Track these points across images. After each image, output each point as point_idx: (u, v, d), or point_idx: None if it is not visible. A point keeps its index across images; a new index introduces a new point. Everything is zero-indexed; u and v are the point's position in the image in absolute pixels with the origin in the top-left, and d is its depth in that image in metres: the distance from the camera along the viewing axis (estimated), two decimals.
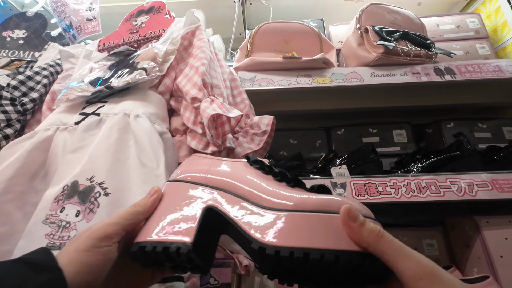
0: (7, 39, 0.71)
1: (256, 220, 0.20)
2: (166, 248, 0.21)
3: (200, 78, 0.42)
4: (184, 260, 0.22)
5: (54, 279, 0.18)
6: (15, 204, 0.40)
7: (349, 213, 0.19)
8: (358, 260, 0.18)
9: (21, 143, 0.45)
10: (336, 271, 0.19)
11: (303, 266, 0.19)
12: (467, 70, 0.67)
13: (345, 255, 0.18)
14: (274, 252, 0.18)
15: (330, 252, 0.18)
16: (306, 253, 0.18)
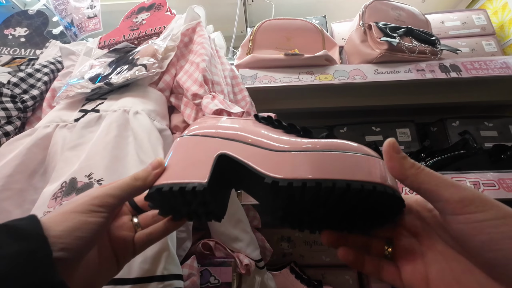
0: (8, 37, 0.71)
1: (268, 159, 0.21)
2: (183, 188, 0.21)
3: (201, 74, 0.42)
4: (200, 202, 0.22)
5: (33, 249, 0.16)
6: (14, 202, 0.39)
7: (394, 145, 0.19)
8: (369, 187, 0.18)
9: (21, 140, 0.44)
10: (347, 205, 0.20)
11: (315, 199, 0.19)
12: (474, 67, 0.65)
13: (356, 183, 0.18)
14: (287, 184, 0.19)
15: (342, 181, 0.18)
16: (318, 183, 0.18)
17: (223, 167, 0.23)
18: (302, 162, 0.20)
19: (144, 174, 0.22)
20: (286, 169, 0.20)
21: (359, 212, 0.21)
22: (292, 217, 0.23)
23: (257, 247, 0.53)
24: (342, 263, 0.85)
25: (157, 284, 0.29)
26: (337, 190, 0.18)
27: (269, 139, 0.23)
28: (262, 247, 0.57)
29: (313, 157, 0.20)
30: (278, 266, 0.72)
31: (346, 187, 0.18)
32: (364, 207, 0.20)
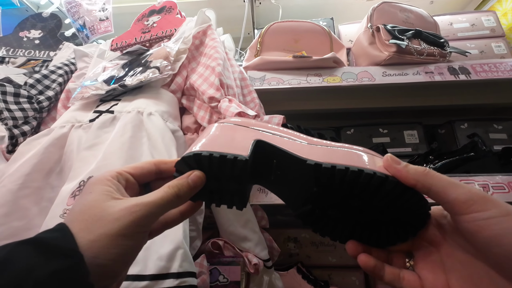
0: (23, 39, 0.73)
1: (304, 149, 0.23)
2: (223, 156, 0.21)
3: (217, 78, 0.43)
4: (235, 177, 0.22)
5: (69, 266, 0.14)
6: (32, 199, 0.41)
7: (392, 158, 0.21)
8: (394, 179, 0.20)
9: (38, 140, 0.46)
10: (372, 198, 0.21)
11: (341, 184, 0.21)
12: (483, 69, 0.65)
13: (381, 174, 0.20)
14: (331, 166, 0.20)
15: (369, 170, 0.20)
16: (347, 167, 0.20)
17: (257, 155, 0.23)
18: (331, 153, 0.22)
19: (185, 190, 0.21)
20: (323, 156, 0.22)
21: (384, 221, 0.22)
22: (319, 211, 0.24)
23: (265, 247, 0.54)
24: (348, 264, 0.84)
25: (173, 281, 0.30)
26: (363, 178, 0.20)
27: (300, 137, 0.25)
28: (270, 247, 0.57)
29: (340, 151, 0.23)
30: (284, 266, 0.72)
31: (372, 174, 0.20)
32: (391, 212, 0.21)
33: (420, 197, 0.20)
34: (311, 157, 0.22)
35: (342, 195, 0.22)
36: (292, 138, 0.25)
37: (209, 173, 0.22)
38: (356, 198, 0.22)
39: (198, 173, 0.21)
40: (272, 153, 0.23)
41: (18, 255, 0.14)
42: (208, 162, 0.21)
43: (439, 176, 0.19)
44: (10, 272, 0.13)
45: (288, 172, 0.24)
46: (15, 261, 0.14)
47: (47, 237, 0.16)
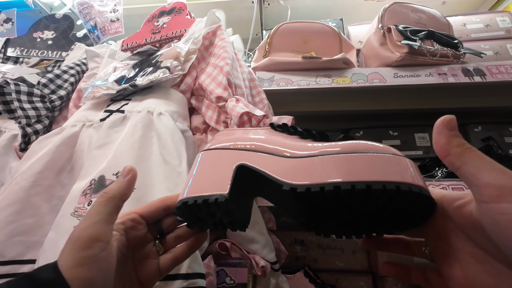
0: (37, 39, 0.75)
1: (284, 166, 0.22)
2: (206, 200, 0.22)
3: (225, 77, 0.42)
4: (224, 212, 0.23)
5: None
6: (43, 197, 0.41)
7: (449, 122, 0.18)
8: (391, 186, 0.18)
9: (50, 139, 0.46)
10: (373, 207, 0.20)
11: (336, 203, 0.20)
12: (499, 71, 0.63)
13: (377, 184, 0.18)
14: (305, 190, 0.19)
15: (361, 183, 0.18)
16: (336, 187, 0.18)
17: (243, 177, 0.23)
18: (317, 168, 0.20)
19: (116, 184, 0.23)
20: (302, 175, 0.20)
21: (385, 215, 0.21)
22: (316, 222, 0.23)
23: (272, 250, 0.53)
24: (356, 268, 0.83)
25: (182, 282, 0.30)
26: (357, 192, 0.18)
27: (284, 146, 0.23)
28: (277, 249, 0.57)
29: (328, 160, 0.20)
30: (291, 269, 0.71)
31: (366, 188, 0.18)
32: (391, 209, 0.20)
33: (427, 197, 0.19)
34: (289, 177, 0.20)
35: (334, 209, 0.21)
36: (274, 153, 0.23)
37: (202, 213, 0.24)
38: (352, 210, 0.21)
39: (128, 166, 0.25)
40: (253, 175, 0.23)
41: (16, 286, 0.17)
42: (195, 207, 0.23)
43: (478, 155, 0.16)
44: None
45: (273, 192, 0.24)
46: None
47: (40, 273, 0.18)
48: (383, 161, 0.19)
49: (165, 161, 0.38)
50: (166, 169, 0.37)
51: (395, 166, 0.19)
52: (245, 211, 0.27)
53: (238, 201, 0.24)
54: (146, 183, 0.36)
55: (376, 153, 0.20)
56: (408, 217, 0.21)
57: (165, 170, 0.37)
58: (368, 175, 0.18)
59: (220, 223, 0.26)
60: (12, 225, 0.37)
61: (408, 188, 0.18)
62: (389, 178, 0.18)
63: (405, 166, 0.19)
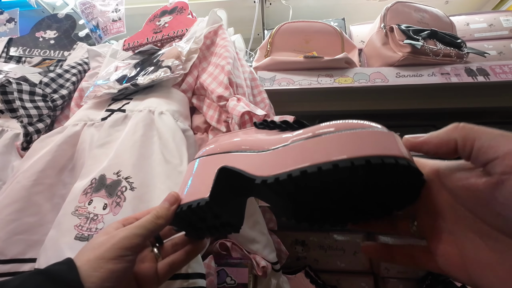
0: (39, 39, 0.75)
1: (257, 161, 0.22)
2: (189, 206, 0.23)
3: (226, 77, 0.42)
4: (212, 216, 0.24)
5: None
6: (45, 196, 0.41)
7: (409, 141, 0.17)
8: (361, 162, 0.16)
9: (51, 138, 0.46)
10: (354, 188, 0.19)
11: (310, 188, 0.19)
12: (503, 70, 0.62)
13: (345, 161, 0.16)
14: (274, 180, 0.19)
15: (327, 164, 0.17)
16: (302, 171, 0.17)
17: (227, 179, 0.24)
18: (286, 154, 0.20)
19: (164, 211, 0.24)
20: (271, 165, 0.20)
21: (370, 197, 0.20)
22: (304, 213, 0.23)
23: (273, 250, 0.53)
24: (357, 269, 0.83)
25: (182, 282, 0.30)
26: (324, 173, 0.17)
27: (262, 142, 0.23)
28: (278, 249, 0.56)
29: (298, 146, 0.19)
30: (292, 269, 0.71)
31: (333, 168, 0.16)
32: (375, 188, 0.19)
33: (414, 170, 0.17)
34: (260, 170, 0.20)
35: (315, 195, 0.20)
36: (252, 151, 0.23)
37: (192, 219, 0.24)
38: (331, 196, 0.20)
39: (172, 192, 0.25)
40: (235, 175, 0.23)
41: (30, 284, 0.18)
42: (183, 214, 0.24)
43: (483, 128, 0.15)
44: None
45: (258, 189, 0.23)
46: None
47: (55, 269, 0.19)
48: (352, 137, 0.18)
49: (166, 161, 0.38)
50: (167, 169, 0.37)
51: (364, 140, 0.17)
52: (236, 212, 0.27)
53: (225, 203, 0.24)
54: (147, 183, 0.36)
55: (347, 130, 0.18)
56: (395, 196, 0.20)
57: (166, 170, 0.37)
58: (334, 154, 0.17)
59: (213, 227, 0.26)
60: (13, 224, 0.37)
61: (380, 160, 0.16)
62: (357, 153, 0.16)
63: (374, 138, 0.17)
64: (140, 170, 0.36)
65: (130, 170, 0.36)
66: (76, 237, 0.32)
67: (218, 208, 0.23)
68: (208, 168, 0.25)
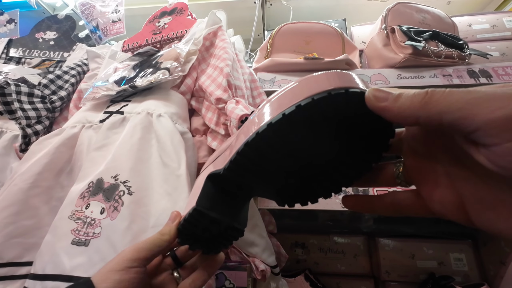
0: (39, 40, 0.75)
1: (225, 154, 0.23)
2: (185, 219, 0.24)
3: (225, 79, 0.42)
4: (210, 223, 0.24)
5: None
6: (42, 199, 0.41)
7: (374, 95, 0.15)
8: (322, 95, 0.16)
9: (49, 140, 0.46)
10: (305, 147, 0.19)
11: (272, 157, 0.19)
12: (506, 72, 0.62)
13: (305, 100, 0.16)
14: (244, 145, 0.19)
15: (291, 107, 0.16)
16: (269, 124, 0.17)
17: (219, 184, 0.24)
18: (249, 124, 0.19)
19: (167, 228, 0.25)
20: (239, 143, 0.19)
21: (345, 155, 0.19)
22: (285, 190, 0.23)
23: (273, 253, 0.52)
24: (358, 272, 0.82)
25: None
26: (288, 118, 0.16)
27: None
28: (277, 252, 0.56)
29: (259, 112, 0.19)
30: (292, 272, 0.70)
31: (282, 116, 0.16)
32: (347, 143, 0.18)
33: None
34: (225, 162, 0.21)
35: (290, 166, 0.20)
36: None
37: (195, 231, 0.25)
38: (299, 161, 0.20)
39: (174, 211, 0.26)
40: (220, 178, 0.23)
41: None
42: (183, 228, 0.25)
43: (451, 94, 0.13)
44: None
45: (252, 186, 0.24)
46: None
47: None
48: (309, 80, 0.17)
49: (164, 164, 0.38)
50: (165, 172, 0.37)
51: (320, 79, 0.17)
52: (237, 215, 0.27)
53: (222, 208, 0.25)
54: (145, 186, 0.36)
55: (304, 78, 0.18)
56: (369, 147, 0.19)
57: (164, 173, 0.37)
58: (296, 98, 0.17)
59: (218, 235, 0.26)
60: (10, 227, 0.37)
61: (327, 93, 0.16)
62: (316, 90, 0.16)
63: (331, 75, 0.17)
64: (138, 174, 0.36)
65: (128, 174, 0.35)
66: (73, 242, 0.32)
67: (215, 214, 0.23)
68: (200, 181, 0.26)
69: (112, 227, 0.32)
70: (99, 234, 0.32)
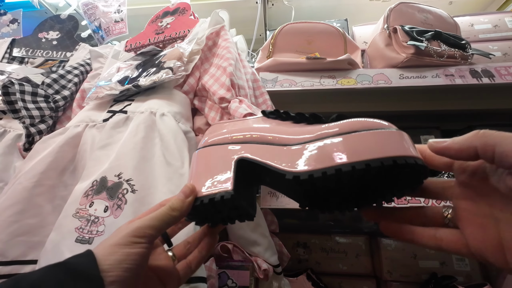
0: (42, 40, 0.75)
1: (284, 155, 0.22)
2: (212, 199, 0.22)
3: (228, 78, 0.42)
4: (231, 208, 0.24)
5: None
6: (46, 197, 0.41)
7: (435, 141, 0.19)
8: (389, 162, 0.18)
9: (53, 139, 0.46)
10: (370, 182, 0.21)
11: (338, 182, 0.20)
12: (508, 72, 0.62)
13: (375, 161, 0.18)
14: (308, 176, 0.20)
15: (361, 163, 0.18)
16: (337, 170, 0.19)
17: (243, 170, 0.23)
18: (320, 150, 0.21)
19: (179, 203, 0.23)
20: (303, 161, 0.20)
21: (384, 186, 0.22)
22: (319, 202, 0.24)
23: (275, 252, 0.52)
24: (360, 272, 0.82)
25: (183, 286, 0.29)
26: (357, 171, 0.18)
27: (280, 133, 0.23)
28: (279, 252, 0.56)
29: (331, 143, 0.20)
30: (293, 272, 0.70)
31: (366, 167, 0.18)
32: (390, 180, 0.21)
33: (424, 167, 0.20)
34: (290, 165, 0.21)
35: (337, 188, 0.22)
36: (271, 143, 0.23)
37: (209, 212, 0.24)
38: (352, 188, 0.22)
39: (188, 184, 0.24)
40: (254, 166, 0.23)
41: (50, 278, 0.18)
42: (202, 208, 0.23)
43: (499, 134, 0.16)
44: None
45: (275, 179, 0.24)
46: (47, 281, 0.17)
47: (76, 262, 0.19)
48: (379, 138, 0.20)
49: (167, 163, 0.38)
50: (168, 171, 0.37)
51: (390, 141, 0.20)
52: (251, 201, 0.27)
53: (243, 193, 0.24)
54: (148, 185, 0.36)
55: (372, 129, 0.20)
56: (405, 183, 0.22)
57: (167, 172, 0.37)
58: (366, 154, 0.19)
59: (228, 217, 0.26)
60: (14, 225, 0.37)
61: (404, 161, 0.18)
62: (386, 154, 0.19)
63: (399, 139, 0.20)
64: (142, 172, 0.36)
65: (132, 173, 0.35)
66: (77, 240, 0.32)
67: (238, 200, 0.23)
68: (222, 157, 0.24)
69: (115, 225, 0.32)
70: (103, 232, 0.32)
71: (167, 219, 0.22)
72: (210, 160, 0.25)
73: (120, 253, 0.20)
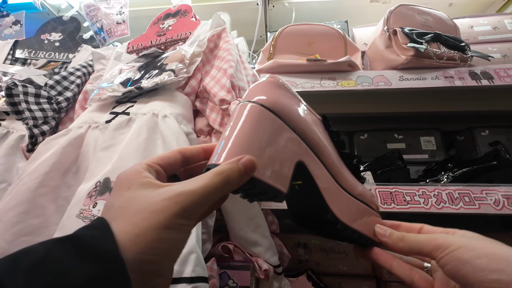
0: (45, 41, 0.76)
1: (338, 199, 0.26)
2: (265, 190, 0.20)
3: (229, 80, 0.43)
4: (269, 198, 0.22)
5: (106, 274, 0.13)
6: (49, 198, 0.42)
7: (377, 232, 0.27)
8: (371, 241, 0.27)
9: (56, 140, 0.47)
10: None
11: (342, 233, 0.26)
12: (507, 74, 0.62)
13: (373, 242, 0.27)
14: (344, 228, 0.25)
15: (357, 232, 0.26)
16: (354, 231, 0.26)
17: (297, 171, 0.22)
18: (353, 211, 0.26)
19: (237, 178, 0.17)
20: (345, 213, 0.25)
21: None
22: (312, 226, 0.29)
23: (275, 253, 0.53)
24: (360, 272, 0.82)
25: (185, 285, 0.30)
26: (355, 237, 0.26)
27: (337, 168, 0.26)
28: (280, 252, 0.56)
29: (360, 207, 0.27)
30: (294, 272, 0.71)
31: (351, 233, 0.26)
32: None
33: None
34: (339, 211, 0.25)
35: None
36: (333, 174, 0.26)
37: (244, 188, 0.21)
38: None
39: (249, 157, 0.18)
40: (305, 176, 0.23)
41: (55, 254, 0.13)
42: (249, 186, 0.19)
43: (411, 236, 0.24)
44: (46, 276, 0.12)
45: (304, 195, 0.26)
46: (51, 261, 0.13)
47: (85, 235, 0.14)
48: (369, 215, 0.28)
49: None
50: None
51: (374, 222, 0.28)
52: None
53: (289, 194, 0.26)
54: None
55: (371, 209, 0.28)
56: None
57: None
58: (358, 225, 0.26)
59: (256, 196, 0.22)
60: (18, 225, 0.38)
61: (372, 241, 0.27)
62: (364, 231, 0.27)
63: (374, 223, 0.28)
64: None
65: None
66: None
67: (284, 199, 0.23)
68: (286, 145, 0.21)
69: None
70: None
71: (218, 194, 0.17)
72: (272, 137, 0.21)
73: (169, 239, 0.15)
